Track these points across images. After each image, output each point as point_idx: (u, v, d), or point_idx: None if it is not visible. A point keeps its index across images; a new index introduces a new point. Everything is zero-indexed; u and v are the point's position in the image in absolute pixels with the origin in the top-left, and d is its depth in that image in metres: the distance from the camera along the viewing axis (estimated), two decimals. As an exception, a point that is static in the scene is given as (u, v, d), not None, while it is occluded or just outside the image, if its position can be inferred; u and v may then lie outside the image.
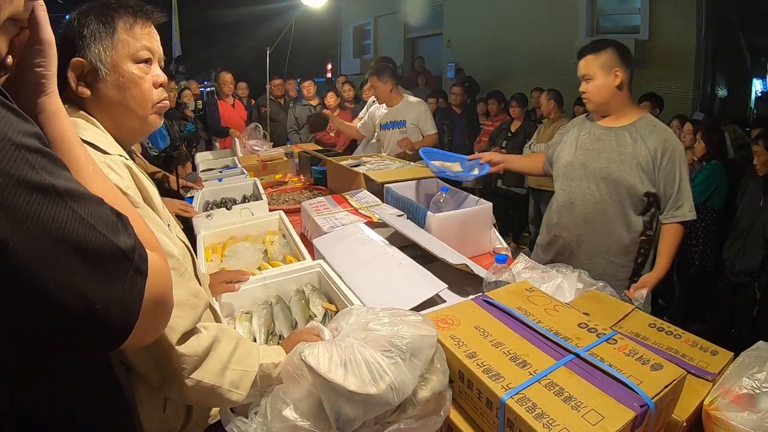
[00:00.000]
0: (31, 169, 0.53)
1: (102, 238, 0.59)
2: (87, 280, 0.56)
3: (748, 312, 3.23)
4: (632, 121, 2.18)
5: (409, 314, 1.08)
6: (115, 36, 1.05)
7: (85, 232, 0.57)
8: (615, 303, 1.52)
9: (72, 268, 0.55)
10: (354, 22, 13.31)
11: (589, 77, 2.20)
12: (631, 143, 2.13)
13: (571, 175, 2.29)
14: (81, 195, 0.59)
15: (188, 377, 0.98)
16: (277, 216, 2.42)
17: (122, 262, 0.61)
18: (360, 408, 0.93)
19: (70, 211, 0.56)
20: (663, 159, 2.09)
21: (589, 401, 0.91)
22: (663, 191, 2.13)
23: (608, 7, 6.86)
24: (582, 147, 2.27)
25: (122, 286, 0.60)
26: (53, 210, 0.54)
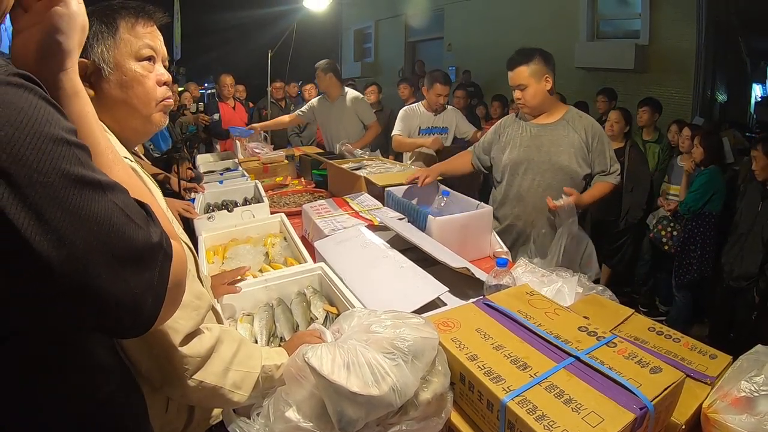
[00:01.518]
0: (80, 166, 0.56)
1: (138, 228, 0.62)
2: (130, 269, 0.60)
3: (747, 316, 3.24)
4: (561, 115, 2.53)
5: (411, 317, 1.09)
6: (117, 35, 1.06)
7: (126, 224, 0.60)
8: (615, 307, 1.52)
9: (120, 258, 0.58)
10: (355, 26, 13.33)
11: (523, 86, 2.47)
12: (565, 134, 2.48)
13: (517, 171, 2.57)
14: (116, 187, 0.61)
15: (191, 378, 0.99)
16: (279, 218, 2.42)
17: (155, 251, 0.64)
18: (362, 409, 0.93)
19: (113, 204, 0.59)
20: (593, 142, 2.47)
21: (589, 403, 0.92)
22: (595, 167, 2.50)
23: (608, 11, 6.87)
24: (523, 145, 2.56)
25: (155, 272, 0.64)
26: (102, 204, 0.57)
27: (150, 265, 0.63)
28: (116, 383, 0.83)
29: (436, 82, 3.94)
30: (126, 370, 0.91)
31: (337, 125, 4.56)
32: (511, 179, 2.60)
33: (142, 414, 0.92)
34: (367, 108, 4.60)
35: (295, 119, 5.00)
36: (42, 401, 0.68)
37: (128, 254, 0.59)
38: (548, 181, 2.49)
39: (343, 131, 4.49)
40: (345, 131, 4.48)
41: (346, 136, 4.38)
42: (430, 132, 4.05)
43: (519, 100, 2.51)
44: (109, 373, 0.82)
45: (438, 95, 3.95)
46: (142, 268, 0.62)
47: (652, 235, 4.22)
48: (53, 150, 0.53)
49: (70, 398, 0.72)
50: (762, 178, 3.25)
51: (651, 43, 6.13)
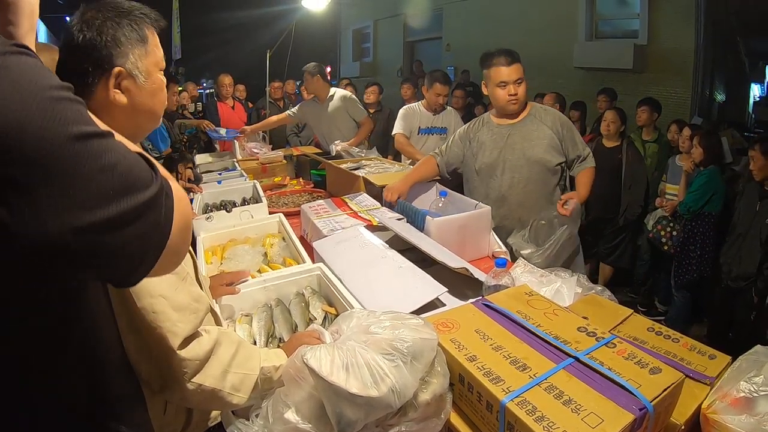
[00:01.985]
0: (84, 120, 0.58)
1: (143, 165, 0.63)
2: (144, 205, 0.61)
3: (746, 316, 3.24)
4: (528, 111, 2.63)
5: (410, 317, 1.09)
6: (147, 44, 1.05)
7: (136, 162, 0.62)
8: (614, 307, 1.52)
9: (135, 196, 0.60)
10: (354, 26, 13.35)
11: (521, 80, 2.55)
12: (535, 128, 2.57)
13: (493, 173, 2.62)
14: (113, 134, 0.62)
15: (190, 381, 0.99)
16: (277, 219, 2.42)
17: (159, 187, 0.64)
18: (361, 411, 0.93)
19: (124, 147, 0.61)
20: (563, 130, 2.57)
21: (588, 404, 0.92)
22: (569, 154, 2.60)
23: (607, 11, 6.88)
24: (497, 147, 2.62)
25: (161, 209, 0.64)
26: (115, 148, 0.60)
27: (157, 202, 0.64)
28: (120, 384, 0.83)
29: (436, 82, 3.95)
30: (130, 371, 0.91)
31: (329, 125, 4.57)
32: (488, 181, 2.65)
33: (143, 416, 0.92)
34: (357, 105, 4.63)
35: (284, 119, 5.00)
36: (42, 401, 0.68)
37: (136, 198, 0.60)
38: (526, 175, 2.56)
39: (336, 131, 4.50)
40: (338, 131, 4.50)
41: (339, 136, 4.40)
42: (429, 132, 4.05)
43: (513, 96, 2.54)
44: (114, 373, 0.81)
45: (437, 95, 3.96)
46: (153, 205, 0.63)
47: (651, 235, 4.22)
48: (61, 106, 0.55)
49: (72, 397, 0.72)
50: (760, 178, 3.25)
51: (650, 43, 6.14)
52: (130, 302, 0.94)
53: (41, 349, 0.66)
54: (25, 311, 0.61)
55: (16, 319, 0.60)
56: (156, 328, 0.95)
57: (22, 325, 0.61)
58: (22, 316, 0.60)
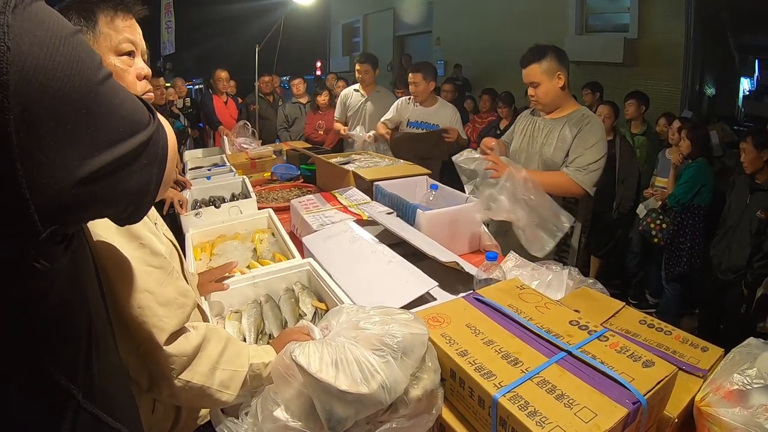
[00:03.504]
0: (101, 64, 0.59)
1: (140, 103, 0.65)
2: (148, 141, 0.63)
3: (736, 309, 3.25)
4: (568, 113, 2.53)
5: (400, 312, 1.07)
6: (96, 29, 1.03)
7: (136, 101, 0.64)
8: (605, 300, 1.52)
9: (141, 133, 0.63)
10: (343, 20, 13.31)
11: (536, 84, 2.48)
12: (560, 129, 2.51)
13: (515, 159, 2.62)
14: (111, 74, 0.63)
15: (177, 378, 0.97)
16: (266, 214, 2.40)
17: (157, 123, 0.67)
18: (352, 408, 0.92)
19: (123, 90, 0.62)
20: (579, 134, 2.45)
21: (581, 399, 0.91)
22: (569, 155, 2.46)
23: (597, 5, 6.89)
24: (526, 135, 2.65)
25: (159, 143, 0.67)
26: (120, 87, 0.61)
27: (156, 142, 0.66)
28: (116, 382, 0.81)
29: (408, 71, 3.95)
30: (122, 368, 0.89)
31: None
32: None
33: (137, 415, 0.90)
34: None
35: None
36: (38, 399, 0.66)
37: (141, 135, 0.62)
38: (536, 170, 2.52)
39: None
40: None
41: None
42: (416, 126, 4.01)
43: (532, 97, 2.54)
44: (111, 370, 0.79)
45: (409, 83, 3.91)
46: (154, 146, 0.65)
47: (641, 228, 4.24)
48: (77, 44, 0.55)
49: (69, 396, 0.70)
50: (751, 170, 3.26)
51: (640, 37, 6.15)
52: (115, 297, 0.92)
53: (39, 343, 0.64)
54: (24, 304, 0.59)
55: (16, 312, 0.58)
56: (142, 323, 0.93)
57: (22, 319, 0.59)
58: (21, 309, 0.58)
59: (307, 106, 5.76)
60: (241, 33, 10.29)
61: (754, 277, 3.02)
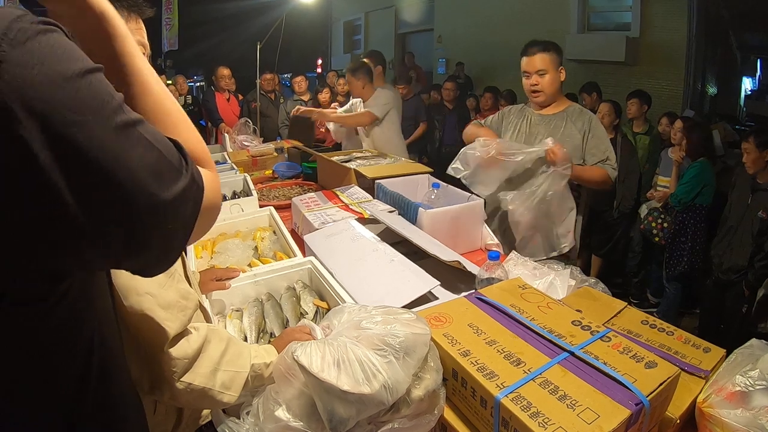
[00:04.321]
0: (116, 107, 0.55)
1: (171, 167, 0.61)
2: (165, 208, 0.59)
3: (737, 309, 3.25)
4: (563, 108, 2.57)
5: (402, 312, 1.07)
6: None
7: (160, 161, 0.59)
8: (607, 300, 1.52)
9: (154, 197, 0.57)
10: (344, 18, 13.27)
11: (544, 72, 2.49)
12: (562, 126, 2.51)
13: None
14: (145, 122, 0.60)
15: (179, 380, 0.96)
16: (268, 212, 2.40)
17: (188, 188, 0.63)
18: (353, 408, 0.92)
19: (145, 141, 0.58)
20: (588, 134, 2.50)
21: (584, 400, 0.91)
22: (588, 160, 2.49)
23: (599, 4, 6.87)
24: (521, 132, 2.63)
25: (188, 207, 0.63)
26: (135, 143, 0.56)
27: (183, 202, 0.62)
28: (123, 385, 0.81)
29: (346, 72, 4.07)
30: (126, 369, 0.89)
31: None
32: None
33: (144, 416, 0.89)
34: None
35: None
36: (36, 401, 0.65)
37: (163, 193, 0.58)
38: (536, 166, 2.47)
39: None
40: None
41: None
42: None
43: (535, 86, 2.51)
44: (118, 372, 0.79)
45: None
46: (177, 206, 0.61)
47: (642, 227, 4.23)
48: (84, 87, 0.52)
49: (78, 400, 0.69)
50: (753, 170, 3.25)
51: (642, 36, 6.13)
52: (117, 300, 0.92)
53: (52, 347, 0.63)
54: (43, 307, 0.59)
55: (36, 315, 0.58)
56: (143, 326, 0.93)
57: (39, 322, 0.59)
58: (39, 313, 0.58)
59: (308, 104, 5.75)
60: (242, 30, 10.28)
61: (756, 277, 3.02)
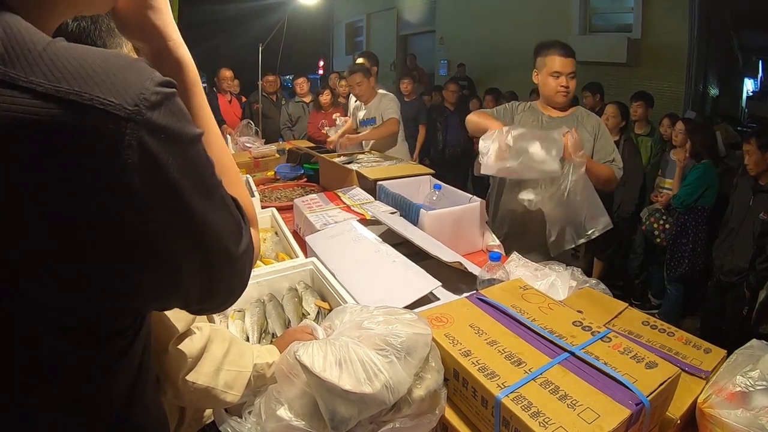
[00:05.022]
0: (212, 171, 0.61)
1: (237, 233, 0.66)
2: (225, 270, 0.65)
3: (738, 311, 3.25)
4: (571, 111, 2.63)
5: (404, 312, 1.07)
6: None
7: (231, 229, 0.64)
8: (608, 301, 1.52)
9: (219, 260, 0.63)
10: (346, 19, 13.29)
11: (574, 75, 2.54)
12: (575, 127, 2.43)
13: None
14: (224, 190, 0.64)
15: (182, 379, 0.97)
16: (270, 213, 2.40)
17: (247, 253, 0.68)
18: (355, 407, 0.92)
19: (226, 207, 0.63)
20: (598, 135, 2.56)
21: (584, 399, 0.91)
22: (601, 156, 2.53)
23: (601, 5, 6.87)
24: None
25: (246, 270, 0.69)
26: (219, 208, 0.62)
27: (247, 258, 0.68)
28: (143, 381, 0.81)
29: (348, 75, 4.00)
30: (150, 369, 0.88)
31: None
32: None
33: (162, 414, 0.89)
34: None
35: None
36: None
37: (237, 251, 0.64)
38: None
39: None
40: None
41: None
42: (365, 124, 4.01)
43: (565, 89, 2.53)
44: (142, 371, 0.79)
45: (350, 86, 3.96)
46: (243, 262, 0.67)
47: (644, 228, 4.23)
48: (197, 153, 0.56)
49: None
50: (755, 172, 3.25)
51: (643, 37, 6.13)
52: None
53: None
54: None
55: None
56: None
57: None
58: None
59: (310, 105, 5.77)
60: (244, 32, 10.27)
61: (757, 279, 3.02)
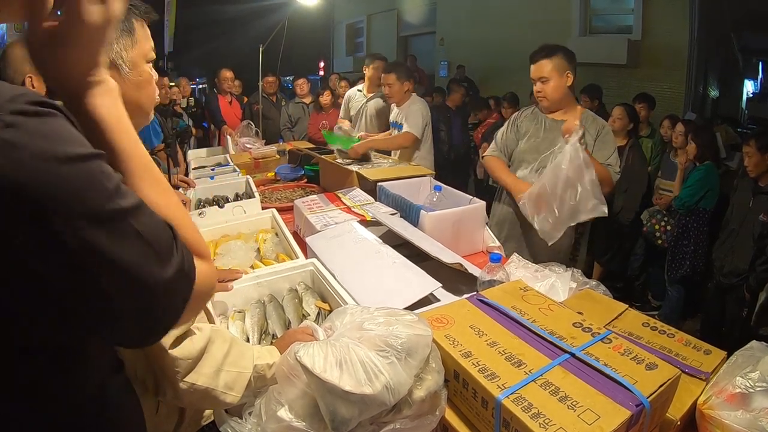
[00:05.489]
0: (107, 195, 0.56)
1: (159, 260, 0.61)
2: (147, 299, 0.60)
3: (738, 313, 3.25)
4: (577, 115, 2.50)
5: (404, 313, 1.08)
6: (134, 34, 1.04)
7: (148, 255, 0.60)
8: (608, 302, 1.52)
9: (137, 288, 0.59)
10: (347, 20, 13.29)
11: (545, 79, 2.51)
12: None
13: (525, 158, 2.65)
14: (141, 210, 0.61)
15: (182, 380, 0.97)
16: (270, 214, 2.40)
17: (175, 279, 0.63)
18: (355, 408, 0.92)
19: (137, 234, 0.58)
20: (598, 137, 2.51)
21: (584, 401, 0.91)
22: (602, 158, 2.46)
23: (601, 7, 6.87)
24: (538, 136, 2.63)
25: (177, 300, 0.65)
26: (126, 235, 0.57)
27: (171, 295, 0.63)
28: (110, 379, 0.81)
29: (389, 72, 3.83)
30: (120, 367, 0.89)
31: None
32: (520, 166, 2.68)
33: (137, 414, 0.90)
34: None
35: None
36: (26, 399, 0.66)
37: (147, 284, 0.59)
38: None
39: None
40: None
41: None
42: (394, 126, 3.91)
43: (539, 93, 2.55)
44: (103, 368, 0.79)
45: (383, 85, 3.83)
46: (168, 291, 0.62)
47: (645, 229, 4.22)
48: (75, 173, 0.53)
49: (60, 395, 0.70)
50: (755, 174, 3.24)
51: (644, 39, 6.13)
52: None
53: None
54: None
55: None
56: None
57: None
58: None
59: (310, 106, 5.77)
60: (244, 33, 10.28)
61: (757, 281, 3.01)
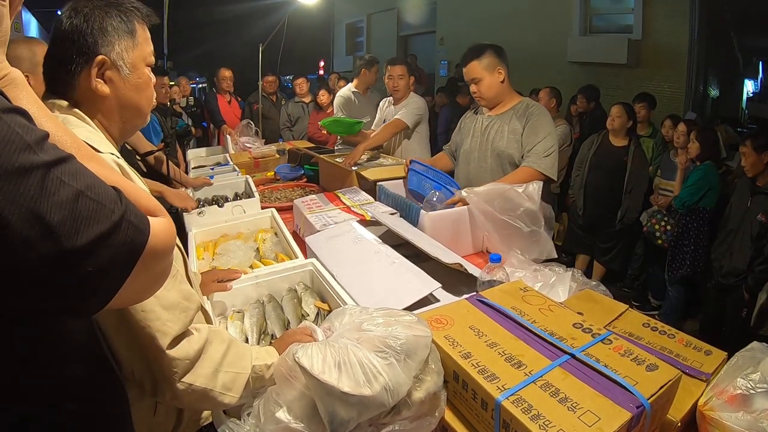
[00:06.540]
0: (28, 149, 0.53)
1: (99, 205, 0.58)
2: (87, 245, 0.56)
3: (737, 313, 3.24)
4: (512, 105, 2.61)
5: (403, 314, 1.07)
6: (135, 37, 1.04)
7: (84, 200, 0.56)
8: (609, 303, 1.52)
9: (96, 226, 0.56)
10: (347, 20, 13.27)
11: (477, 79, 2.56)
12: (508, 122, 2.57)
13: (468, 159, 2.73)
14: (67, 160, 0.57)
15: (180, 381, 0.97)
16: (269, 214, 2.40)
17: (118, 225, 0.59)
18: (354, 409, 0.92)
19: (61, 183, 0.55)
20: (527, 122, 2.51)
21: (585, 402, 0.91)
22: (525, 145, 2.49)
23: (601, 6, 6.86)
24: (475, 136, 2.71)
25: (120, 249, 0.60)
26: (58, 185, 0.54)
27: (112, 242, 0.58)
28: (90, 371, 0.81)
29: (388, 64, 3.76)
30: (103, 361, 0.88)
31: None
32: (464, 166, 2.76)
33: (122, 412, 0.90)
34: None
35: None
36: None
37: (72, 239, 0.55)
38: (491, 166, 2.61)
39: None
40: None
41: None
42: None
43: (475, 94, 2.62)
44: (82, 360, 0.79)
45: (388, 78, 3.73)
46: (102, 245, 0.57)
47: (645, 229, 4.22)
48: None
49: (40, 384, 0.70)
50: (752, 174, 3.24)
51: (644, 38, 6.12)
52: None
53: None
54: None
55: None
56: (145, 327, 0.92)
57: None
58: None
59: (310, 106, 5.76)
60: (244, 32, 10.29)
61: (755, 282, 3.01)
